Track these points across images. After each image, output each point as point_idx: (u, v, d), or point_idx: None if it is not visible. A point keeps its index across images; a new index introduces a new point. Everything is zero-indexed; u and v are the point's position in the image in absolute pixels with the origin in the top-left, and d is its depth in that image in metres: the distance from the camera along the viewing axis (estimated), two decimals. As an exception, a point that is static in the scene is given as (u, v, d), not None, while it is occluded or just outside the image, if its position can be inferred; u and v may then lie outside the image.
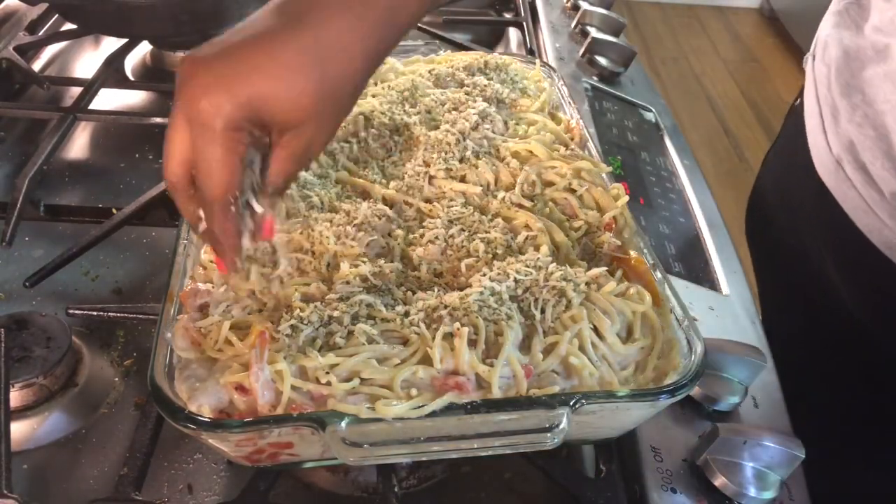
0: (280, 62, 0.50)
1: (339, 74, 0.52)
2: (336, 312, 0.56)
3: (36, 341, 0.70)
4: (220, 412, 0.53)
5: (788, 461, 0.62)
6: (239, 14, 1.17)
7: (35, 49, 1.22)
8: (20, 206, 0.86)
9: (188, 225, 0.65)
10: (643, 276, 0.64)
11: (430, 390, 0.53)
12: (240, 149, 0.51)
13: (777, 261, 0.95)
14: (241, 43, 0.51)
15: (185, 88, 0.50)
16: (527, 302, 0.59)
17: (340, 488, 0.66)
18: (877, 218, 0.71)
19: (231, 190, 0.52)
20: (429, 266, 0.64)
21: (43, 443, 0.68)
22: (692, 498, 0.62)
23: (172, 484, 0.65)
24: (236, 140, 0.50)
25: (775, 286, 1.00)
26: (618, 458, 0.66)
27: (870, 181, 0.70)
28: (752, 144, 3.24)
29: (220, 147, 0.50)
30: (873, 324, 0.79)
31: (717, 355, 0.68)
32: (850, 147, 0.72)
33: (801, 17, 3.83)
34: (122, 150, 1.05)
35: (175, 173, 0.53)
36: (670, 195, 0.99)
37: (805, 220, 0.84)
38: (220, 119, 0.49)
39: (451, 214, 0.67)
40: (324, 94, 0.51)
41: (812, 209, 0.82)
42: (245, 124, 0.50)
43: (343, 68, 0.52)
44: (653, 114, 1.17)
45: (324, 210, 0.68)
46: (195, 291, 0.59)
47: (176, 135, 0.51)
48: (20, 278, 0.79)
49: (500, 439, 0.53)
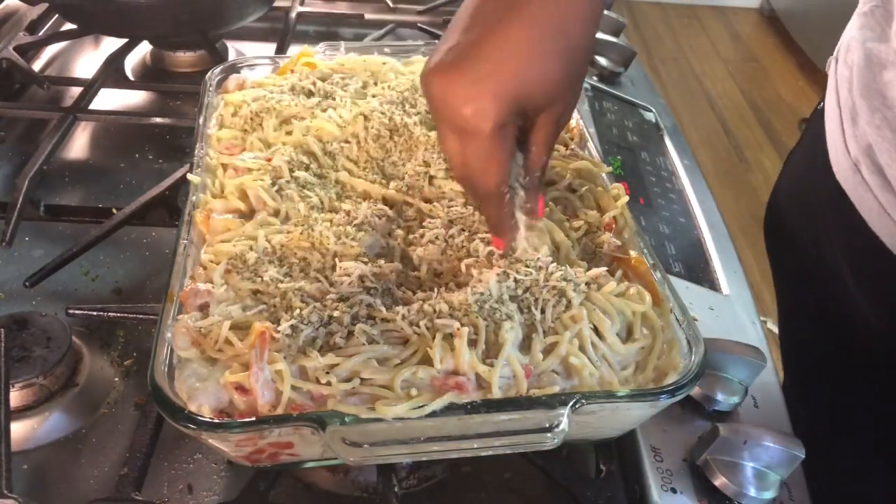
0: (522, 49, 0.50)
1: (574, 43, 0.52)
2: (336, 312, 0.56)
3: (36, 341, 0.70)
4: (220, 412, 0.53)
5: (788, 461, 0.62)
6: (239, 14, 1.17)
7: (35, 49, 1.22)
8: (20, 206, 0.86)
9: (188, 225, 0.65)
10: (643, 276, 0.64)
11: (430, 390, 0.53)
12: (508, 144, 0.53)
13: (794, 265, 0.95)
14: (476, 43, 0.51)
15: (444, 103, 0.52)
16: (527, 302, 0.59)
17: (340, 488, 0.66)
18: (891, 221, 0.71)
19: (504, 182, 0.55)
20: (429, 266, 0.64)
21: (43, 443, 0.68)
22: (692, 498, 0.62)
23: (172, 484, 0.65)
24: (504, 137, 0.53)
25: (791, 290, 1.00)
26: (618, 458, 0.66)
27: (886, 184, 0.70)
28: (752, 144, 3.24)
29: (491, 147, 0.52)
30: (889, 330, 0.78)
31: (717, 355, 0.68)
32: (868, 150, 0.71)
33: (801, 17, 3.83)
34: (122, 150, 1.05)
35: (460, 175, 0.57)
36: (670, 195, 0.99)
37: (822, 223, 0.84)
38: (488, 122, 0.51)
39: (451, 214, 0.67)
40: (568, 65, 0.52)
41: (829, 212, 0.82)
42: (510, 118, 0.52)
43: (576, 34, 0.52)
44: (653, 114, 1.17)
45: (324, 210, 0.68)
46: (195, 291, 0.59)
47: (447, 143, 0.54)
48: (20, 278, 0.79)
49: (500, 439, 0.53)
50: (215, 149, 0.75)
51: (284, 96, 0.80)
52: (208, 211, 0.67)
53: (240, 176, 0.70)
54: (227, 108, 0.81)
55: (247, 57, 0.95)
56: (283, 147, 0.74)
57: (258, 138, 0.76)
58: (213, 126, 0.79)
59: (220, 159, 0.73)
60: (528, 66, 0.50)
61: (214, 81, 0.85)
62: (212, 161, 0.73)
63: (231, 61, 0.90)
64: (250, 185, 0.68)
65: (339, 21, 1.40)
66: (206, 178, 0.71)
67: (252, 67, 0.90)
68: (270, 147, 0.75)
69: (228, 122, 0.79)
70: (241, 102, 0.80)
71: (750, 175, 3.05)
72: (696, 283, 0.85)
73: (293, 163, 0.72)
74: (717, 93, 3.59)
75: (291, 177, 0.70)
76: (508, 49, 0.50)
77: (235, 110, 0.80)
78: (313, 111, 0.79)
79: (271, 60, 0.91)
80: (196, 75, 1.17)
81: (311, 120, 0.77)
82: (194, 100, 0.98)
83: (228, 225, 0.66)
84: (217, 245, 0.63)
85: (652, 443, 0.66)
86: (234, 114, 0.80)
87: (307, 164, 0.73)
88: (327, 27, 1.40)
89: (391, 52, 0.93)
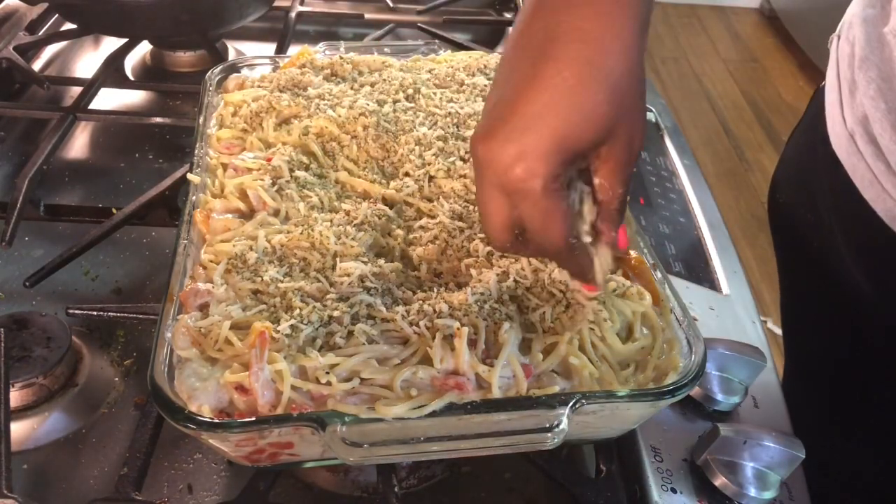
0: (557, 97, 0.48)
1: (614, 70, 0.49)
2: (336, 312, 0.56)
3: (36, 341, 0.70)
4: (220, 412, 0.53)
5: (788, 461, 0.62)
6: (239, 14, 1.17)
7: (35, 49, 1.22)
8: (20, 205, 0.86)
9: (188, 225, 0.65)
10: (643, 276, 0.64)
11: (430, 390, 0.53)
12: (563, 196, 0.51)
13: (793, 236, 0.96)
14: (511, 101, 0.49)
15: (490, 167, 0.50)
16: (527, 302, 0.59)
17: (340, 488, 0.66)
18: (882, 189, 0.73)
19: (568, 235, 0.52)
20: (429, 266, 0.64)
21: (43, 443, 0.68)
22: (692, 498, 0.62)
23: (172, 484, 0.65)
24: (558, 191, 0.50)
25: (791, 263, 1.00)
26: (618, 458, 0.66)
27: (879, 153, 0.72)
28: (752, 144, 3.24)
29: (547, 203, 0.49)
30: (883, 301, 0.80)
31: (717, 355, 0.68)
32: (864, 121, 0.74)
33: (801, 17, 3.83)
34: (122, 150, 1.06)
35: (502, 240, 0.53)
36: (670, 195, 0.99)
37: (819, 192, 0.85)
38: (538, 180, 0.48)
39: (455, 210, 0.67)
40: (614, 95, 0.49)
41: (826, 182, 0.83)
42: (561, 170, 0.49)
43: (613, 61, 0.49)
44: (653, 114, 1.17)
45: (324, 210, 0.68)
46: (195, 291, 0.58)
47: (492, 204, 0.51)
48: (20, 278, 0.79)
49: (500, 439, 0.53)
50: (215, 148, 0.75)
51: (284, 96, 0.80)
52: (208, 211, 0.67)
53: (240, 176, 0.70)
54: (227, 107, 0.81)
55: (247, 57, 0.95)
56: (282, 147, 0.74)
57: (258, 138, 0.76)
58: (213, 126, 0.79)
59: (220, 159, 0.73)
60: (568, 112, 0.48)
61: (214, 81, 0.85)
62: (212, 161, 0.73)
63: (231, 61, 0.90)
64: (250, 185, 0.68)
65: (339, 21, 1.40)
66: (205, 178, 0.71)
67: (252, 67, 0.90)
68: (270, 147, 0.75)
69: (228, 122, 0.79)
70: (241, 102, 0.81)
71: (750, 175, 3.05)
72: (696, 283, 0.85)
73: (293, 163, 0.72)
74: (717, 93, 3.59)
75: (291, 177, 0.70)
76: (543, 101, 0.48)
77: (235, 110, 0.80)
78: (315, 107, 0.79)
79: (271, 60, 0.91)
80: (196, 75, 1.17)
81: (310, 119, 0.77)
82: (194, 100, 0.99)
83: (228, 225, 0.65)
84: (217, 245, 0.63)
85: (652, 443, 0.66)
86: (234, 114, 0.80)
87: (307, 164, 0.73)
88: (327, 27, 1.40)
89: (391, 52, 0.94)
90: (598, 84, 0.48)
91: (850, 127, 0.77)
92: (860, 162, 0.75)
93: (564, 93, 0.48)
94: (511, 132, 0.48)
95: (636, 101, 0.51)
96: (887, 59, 0.71)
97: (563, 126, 0.48)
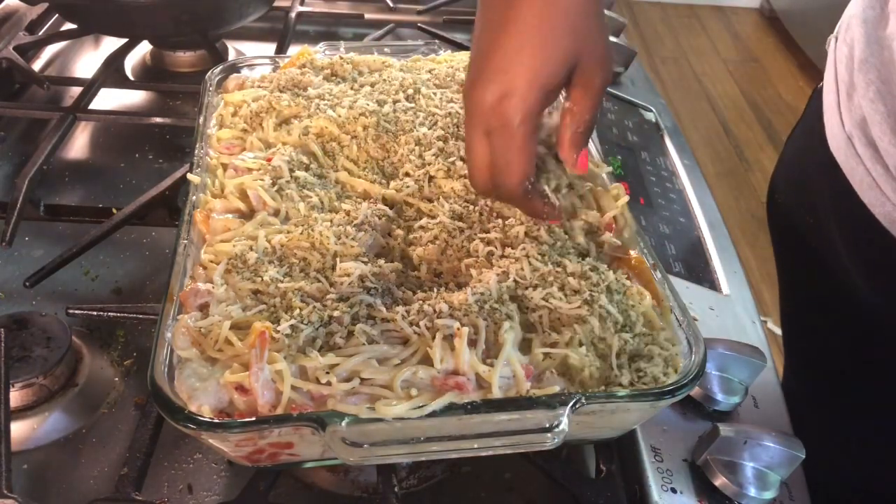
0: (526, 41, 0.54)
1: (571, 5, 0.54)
2: (336, 312, 0.56)
3: (36, 341, 0.70)
4: (220, 412, 0.53)
5: (788, 461, 0.62)
6: (239, 14, 1.17)
7: (35, 49, 1.22)
8: (20, 205, 0.86)
9: (188, 225, 0.65)
10: (643, 276, 0.64)
11: (430, 390, 0.53)
12: (534, 139, 0.56)
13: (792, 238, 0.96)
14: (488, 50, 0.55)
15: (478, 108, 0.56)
16: (527, 302, 0.59)
17: (340, 488, 0.66)
18: (881, 193, 0.73)
19: (529, 177, 0.57)
20: (429, 266, 0.64)
21: (43, 443, 0.68)
22: (692, 498, 0.62)
23: (172, 484, 0.65)
24: (531, 133, 0.55)
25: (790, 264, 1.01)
26: (618, 458, 0.66)
27: (877, 156, 0.72)
28: (752, 144, 3.24)
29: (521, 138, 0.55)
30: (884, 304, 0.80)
31: (717, 355, 0.68)
32: (862, 123, 0.74)
33: (801, 17, 3.83)
34: (122, 150, 1.06)
35: (483, 181, 0.59)
36: (670, 195, 0.99)
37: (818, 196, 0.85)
38: (518, 114, 0.54)
39: (455, 210, 0.67)
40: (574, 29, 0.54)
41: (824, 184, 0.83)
42: (538, 108, 0.55)
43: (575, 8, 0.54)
44: (653, 114, 1.17)
45: (324, 210, 0.68)
46: (195, 291, 0.58)
47: (477, 147, 0.57)
48: (20, 278, 0.79)
49: (500, 439, 0.53)
50: (215, 149, 0.75)
51: (284, 96, 0.80)
52: (208, 211, 0.67)
53: (240, 176, 0.70)
54: (227, 107, 0.81)
55: (247, 57, 0.95)
56: (283, 147, 0.74)
57: (258, 138, 0.76)
58: (213, 126, 0.79)
59: (220, 159, 0.73)
60: (537, 50, 0.54)
61: (214, 81, 0.85)
62: (212, 161, 0.73)
63: (231, 61, 0.90)
64: (250, 185, 0.68)
65: (339, 21, 1.40)
66: (205, 178, 0.71)
67: (252, 67, 0.90)
68: (270, 147, 0.75)
69: (228, 122, 0.79)
70: (241, 102, 0.81)
71: (750, 175, 3.05)
72: (696, 283, 0.85)
73: (293, 163, 0.72)
74: (717, 93, 3.59)
75: (291, 177, 0.70)
76: (513, 45, 0.54)
77: (235, 110, 0.80)
78: (315, 108, 0.79)
79: (271, 60, 0.91)
80: (196, 75, 1.17)
81: (310, 119, 0.77)
82: (194, 100, 0.99)
83: (228, 225, 0.65)
84: (217, 245, 0.63)
85: (652, 443, 0.66)
86: (234, 114, 0.80)
87: (307, 164, 0.73)
88: (327, 27, 1.40)
89: (391, 52, 0.94)
90: (558, 21, 0.54)
91: (848, 130, 0.76)
92: (858, 165, 0.75)
93: (530, 34, 0.54)
94: (493, 75, 0.55)
95: (595, 34, 0.57)
96: (887, 61, 0.71)
97: (534, 63, 0.54)
